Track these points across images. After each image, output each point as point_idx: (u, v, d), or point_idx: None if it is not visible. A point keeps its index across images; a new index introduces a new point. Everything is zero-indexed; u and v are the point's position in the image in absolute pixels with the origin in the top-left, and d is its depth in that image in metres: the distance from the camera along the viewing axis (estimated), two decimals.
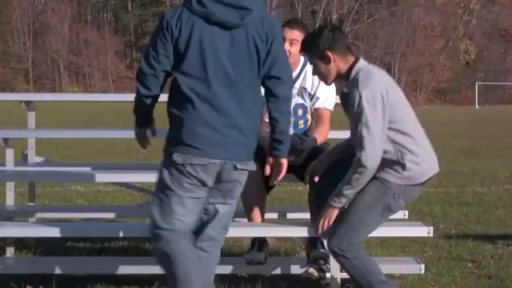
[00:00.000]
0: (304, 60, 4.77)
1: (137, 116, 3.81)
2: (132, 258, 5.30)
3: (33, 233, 4.92)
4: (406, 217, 5.13)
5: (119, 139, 15.08)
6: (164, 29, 3.58)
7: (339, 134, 5.01)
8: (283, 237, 5.70)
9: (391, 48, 65.34)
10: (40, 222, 5.57)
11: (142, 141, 3.91)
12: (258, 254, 4.65)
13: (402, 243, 6.28)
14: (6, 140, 5.40)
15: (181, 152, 3.57)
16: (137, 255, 5.68)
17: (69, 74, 66.67)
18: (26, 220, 5.83)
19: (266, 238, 4.75)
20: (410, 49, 65.35)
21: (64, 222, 4.86)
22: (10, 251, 5.51)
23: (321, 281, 4.79)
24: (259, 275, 4.96)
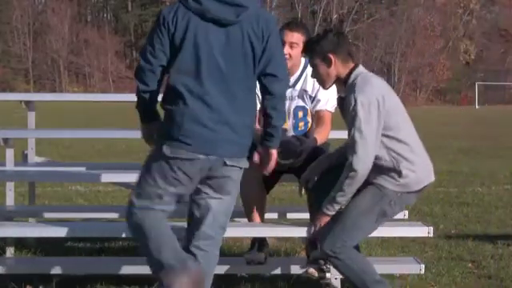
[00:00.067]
0: (305, 62, 4.76)
1: (139, 111, 3.83)
2: (132, 258, 5.29)
3: (33, 233, 4.92)
4: (406, 217, 5.13)
5: (119, 139, 15.10)
6: (161, 24, 3.62)
7: (340, 134, 5.01)
8: (283, 237, 5.69)
9: (391, 48, 65.32)
10: (40, 222, 5.57)
11: (148, 137, 3.89)
12: (258, 254, 4.65)
13: (402, 243, 6.28)
14: (6, 140, 5.40)
15: (170, 145, 3.60)
16: (137, 255, 5.67)
17: (69, 74, 66.68)
18: (26, 220, 5.83)
19: (266, 238, 4.76)
20: (410, 49, 65.33)
21: (64, 222, 4.86)
22: (10, 251, 5.51)
23: (321, 281, 4.79)
24: (259, 275, 4.96)
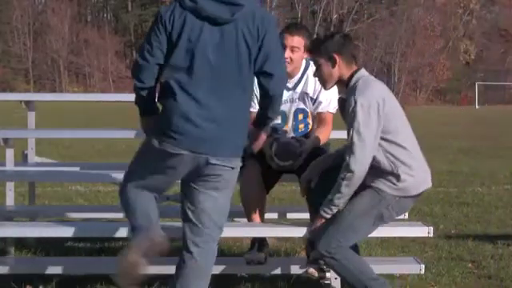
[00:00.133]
0: (305, 64, 4.76)
1: (138, 106, 3.89)
2: None
3: (33, 233, 4.91)
4: (406, 217, 5.12)
5: (119, 139, 15.08)
6: (158, 23, 3.68)
7: (340, 134, 5.01)
8: (283, 237, 5.69)
9: (391, 48, 65.29)
10: (40, 222, 5.56)
11: (146, 130, 3.92)
12: (258, 254, 4.64)
13: (402, 243, 6.28)
14: (6, 140, 5.40)
15: (158, 138, 3.68)
16: None
17: (69, 74, 66.65)
18: (26, 220, 5.83)
19: (266, 238, 4.75)
20: (410, 49, 65.30)
21: (64, 222, 4.85)
22: (10, 251, 5.51)
23: (321, 281, 4.79)
24: (259, 275, 4.97)
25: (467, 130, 25.55)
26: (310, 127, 4.80)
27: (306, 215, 4.68)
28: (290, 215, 5.55)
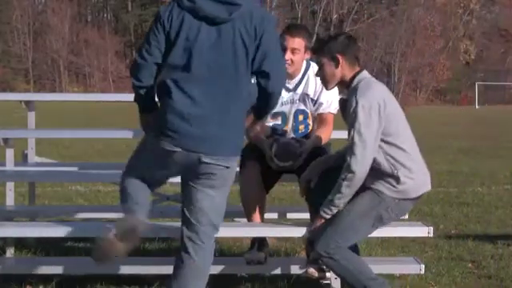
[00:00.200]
0: (306, 65, 4.76)
1: (137, 103, 3.93)
2: (132, 258, 5.28)
3: (33, 233, 4.91)
4: (406, 217, 5.11)
5: (119, 139, 15.07)
6: (157, 22, 3.72)
7: (340, 135, 5.02)
8: (283, 237, 5.69)
9: (391, 48, 65.26)
10: (40, 222, 5.57)
11: (145, 127, 3.96)
12: (258, 254, 4.65)
13: (402, 243, 6.28)
14: (6, 140, 5.40)
15: (155, 135, 3.73)
16: (137, 255, 5.67)
17: (69, 74, 66.63)
18: (26, 220, 5.83)
19: (266, 238, 4.75)
20: (410, 49, 65.27)
21: (64, 222, 4.85)
22: (10, 251, 5.51)
23: (321, 281, 4.79)
24: (259, 275, 4.96)
25: (467, 130, 25.55)
26: (310, 128, 4.81)
27: (306, 215, 4.69)
28: (290, 215, 5.55)
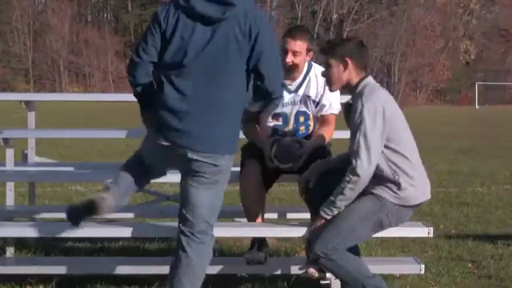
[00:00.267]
0: (307, 67, 4.76)
1: (138, 102, 4.02)
2: (132, 258, 5.30)
3: (33, 233, 4.90)
4: None
5: (119, 139, 15.07)
6: (154, 22, 3.81)
7: (341, 135, 5.03)
8: (283, 237, 5.69)
9: (391, 48, 65.24)
10: (40, 222, 5.57)
11: (146, 123, 4.03)
12: (258, 254, 4.65)
13: (402, 243, 6.28)
14: (6, 140, 5.41)
15: (154, 130, 3.87)
16: (137, 255, 5.68)
17: (69, 74, 66.60)
18: (26, 220, 5.83)
19: (266, 238, 4.76)
20: (410, 49, 65.25)
21: (64, 222, 4.84)
22: (10, 251, 5.51)
23: (321, 281, 4.79)
24: (259, 275, 4.97)
25: (467, 130, 25.55)
26: (311, 129, 4.81)
27: (306, 215, 4.69)
28: (290, 215, 5.55)
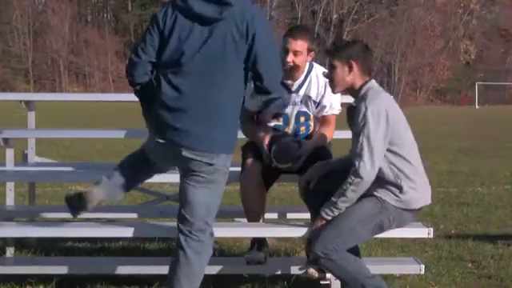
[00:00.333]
0: (308, 67, 4.75)
1: (139, 102, 4.05)
2: (132, 258, 5.30)
3: (33, 233, 4.91)
4: None
5: (119, 139, 15.06)
6: (153, 22, 3.85)
7: (342, 135, 5.03)
8: (283, 237, 5.69)
9: (391, 48, 65.22)
10: (40, 222, 5.57)
11: (147, 120, 4.04)
12: (258, 254, 4.65)
13: (402, 243, 6.28)
14: (6, 140, 5.41)
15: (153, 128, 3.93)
16: (137, 255, 5.68)
17: (69, 74, 66.60)
18: (26, 220, 5.83)
19: (266, 238, 4.75)
20: (410, 49, 65.24)
21: (64, 222, 4.85)
22: (10, 251, 5.51)
23: (321, 281, 4.78)
24: (259, 275, 4.96)
25: (467, 130, 25.55)
26: (311, 129, 4.81)
27: (306, 215, 4.68)
28: (290, 215, 5.55)
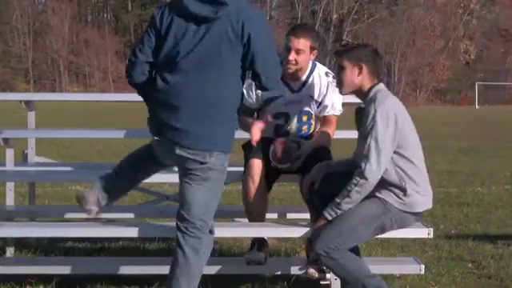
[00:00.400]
0: (311, 67, 4.75)
1: (144, 101, 4.11)
2: (132, 258, 5.29)
3: (33, 233, 4.91)
4: None
5: (119, 139, 15.06)
6: (151, 22, 3.89)
7: (342, 135, 5.02)
8: (283, 237, 5.69)
9: (391, 48, 65.22)
10: (40, 222, 5.57)
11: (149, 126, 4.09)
12: (258, 254, 4.64)
13: (402, 243, 6.28)
14: (6, 140, 5.40)
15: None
16: (137, 255, 5.68)
17: (69, 74, 66.64)
18: (26, 220, 5.83)
19: (266, 238, 4.75)
20: (410, 49, 65.28)
21: (64, 222, 4.85)
22: (10, 251, 5.51)
23: (321, 281, 4.78)
24: (259, 275, 4.96)
25: (467, 130, 25.54)
26: (313, 128, 4.80)
27: (306, 215, 4.69)
28: (290, 215, 5.55)
